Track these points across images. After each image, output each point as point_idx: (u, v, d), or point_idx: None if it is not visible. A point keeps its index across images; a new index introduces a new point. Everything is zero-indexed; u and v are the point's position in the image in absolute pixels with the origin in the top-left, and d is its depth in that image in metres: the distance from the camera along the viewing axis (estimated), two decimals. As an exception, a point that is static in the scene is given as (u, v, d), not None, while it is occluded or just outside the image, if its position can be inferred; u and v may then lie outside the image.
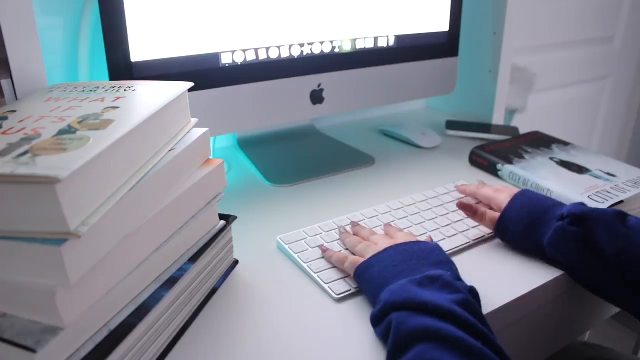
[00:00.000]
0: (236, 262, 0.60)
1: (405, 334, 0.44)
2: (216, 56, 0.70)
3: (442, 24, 0.90)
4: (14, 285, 0.37)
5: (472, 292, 0.50)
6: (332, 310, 0.54)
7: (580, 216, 0.57)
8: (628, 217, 0.57)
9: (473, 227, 0.67)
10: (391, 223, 0.67)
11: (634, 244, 0.54)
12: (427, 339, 0.42)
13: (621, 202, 0.70)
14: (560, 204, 0.62)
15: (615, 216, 0.57)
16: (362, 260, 0.55)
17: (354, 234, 0.63)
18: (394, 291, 0.48)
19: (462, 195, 0.75)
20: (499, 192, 0.68)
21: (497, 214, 0.64)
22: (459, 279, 0.51)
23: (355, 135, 1.01)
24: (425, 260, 0.52)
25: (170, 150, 0.48)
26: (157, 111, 0.45)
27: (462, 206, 0.67)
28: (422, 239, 0.60)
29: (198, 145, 0.53)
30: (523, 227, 0.61)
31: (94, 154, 0.37)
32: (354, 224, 0.65)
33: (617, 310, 0.71)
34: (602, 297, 0.59)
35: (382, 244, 0.56)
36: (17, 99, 0.53)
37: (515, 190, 0.66)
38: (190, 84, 0.52)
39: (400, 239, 0.57)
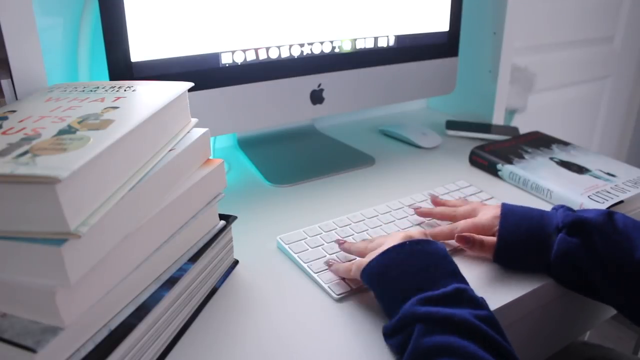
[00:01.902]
0: (236, 262, 0.60)
1: (426, 347, 0.43)
2: (216, 56, 0.70)
3: (442, 24, 0.90)
4: (14, 285, 0.37)
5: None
6: (332, 310, 0.54)
7: (575, 224, 0.56)
8: (615, 216, 0.57)
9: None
10: (391, 223, 0.67)
11: (627, 250, 0.54)
12: (448, 354, 0.42)
13: (621, 202, 0.70)
14: (545, 213, 0.60)
15: (605, 219, 0.56)
16: (369, 259, 0.52)
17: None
18: (415, 304, 0.46)
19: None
20: (476, 216, 0.63)
21: (494, 241, 0.59)
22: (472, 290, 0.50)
23: (355, 135, 1.01)
24: (442, 270, 0.50)
25: (170, 150, 0.48)
26: (157, 111, 0.45)
27: (461, 240, 0.60)
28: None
29: (198, 145, 0.53)
30: (525, 250, 0.58)
31: (94, 154, 0.37)
32: (341, 242, 0.62)
33: (617, 310, 0.71)
34: (607, 303, 0.58)
35: (390, 241, 0.53)
36: (17, 99, 0.53)
37: (494, 211, 0.61)
38: (190, 84, 0.52)
39: (413, 234, 0.54)
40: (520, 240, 0.58)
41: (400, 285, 0.49)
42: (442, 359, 0.42)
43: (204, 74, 0.69)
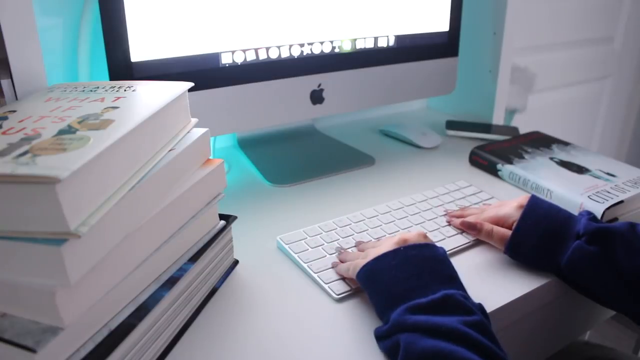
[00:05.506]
0: (236, 262, 0.60)
1: (416, 355, 0.43)
2: (216, 56, 0.70)
3: (442, 24, 0.90)
4: (14, 285, 0.37)
5: (481, 310, 0.49)
6: (332, 310, 0.54)
7: (597, 233, 0.55)
8: (638, 227, 0.56)
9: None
10: (391, 223, 0.68)
11: None
12: None
13: (621, 202, 0.70)
14: (572, 217, 0.59)
15: (629, 230, 0.56)
16: (364, 261, 0.52)
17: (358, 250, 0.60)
18: (404, 312, 0.46)
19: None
20: (502, 207, 0.64)
21: (506, 232, 0.60)
22: (466, 295, 0.50)
23: (355, 135, 1.01)
24: (436, 275, 0.50)
25: (170, 150, 0.48)
26: (157, 111, 0.45)
27: (466, 226, 0.64)
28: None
29: (198, 145, 0.53)
30: (539, 247, 0.58)
31: (94, 154, 0.37)
32: (358, 243, 0.62)
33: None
34: (618, 311, 0.58)
35: (386, 244, 0.53)
36: (17, 99, 0.53)
37: (521, 200, 0.62)
38: (190, 84, 0.52)
39: (409, 237, 0.53)
40: (536, 238, 0.58)
41: (391, 290, 0.49)
42: None
43: (204, 74, 0.69)
